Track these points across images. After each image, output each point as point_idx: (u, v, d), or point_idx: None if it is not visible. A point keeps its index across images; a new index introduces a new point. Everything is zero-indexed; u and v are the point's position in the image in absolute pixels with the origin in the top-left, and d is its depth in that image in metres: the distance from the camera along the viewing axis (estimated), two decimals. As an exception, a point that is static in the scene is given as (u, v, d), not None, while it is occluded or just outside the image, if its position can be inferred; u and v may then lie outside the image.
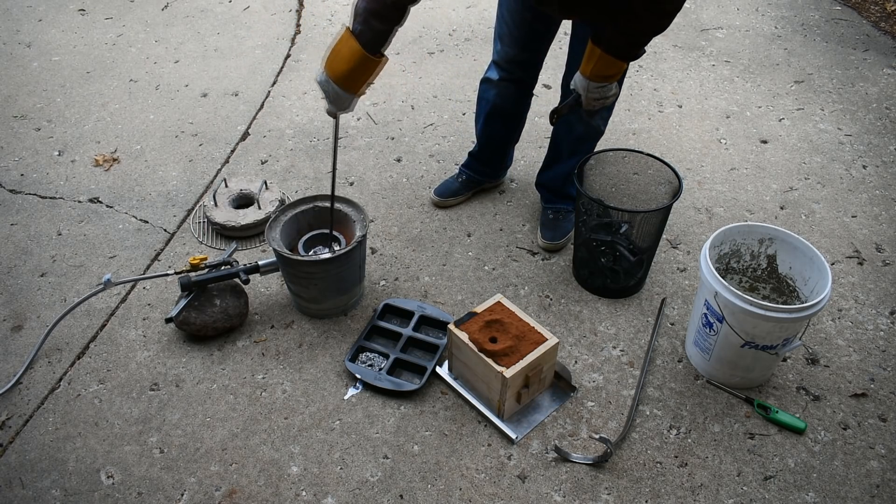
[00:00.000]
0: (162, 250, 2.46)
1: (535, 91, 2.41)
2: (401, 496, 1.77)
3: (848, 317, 2.22)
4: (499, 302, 1.97)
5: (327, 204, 2.22)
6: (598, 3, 1.68)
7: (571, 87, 1.97)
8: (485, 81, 2.37)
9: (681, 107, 3.18)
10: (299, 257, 2.06)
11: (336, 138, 1.95)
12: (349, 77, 1.78)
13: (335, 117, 1.91)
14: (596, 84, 1.87)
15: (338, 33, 1.78)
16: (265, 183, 2.60)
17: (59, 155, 2.90)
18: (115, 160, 2.87)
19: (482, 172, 2.60)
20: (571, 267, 2.38)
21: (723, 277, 2.06)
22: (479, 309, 1.95)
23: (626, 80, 3.29)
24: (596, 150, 2.29)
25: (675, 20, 4.09)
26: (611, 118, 3.12)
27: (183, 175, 2.79)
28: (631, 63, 1.91)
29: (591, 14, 1.73)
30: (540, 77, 2.36)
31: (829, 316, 2.22)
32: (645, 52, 1.86)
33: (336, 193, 2.26)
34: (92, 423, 1.93)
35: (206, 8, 3.95)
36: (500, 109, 2.38)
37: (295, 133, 3.01)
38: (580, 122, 2.22)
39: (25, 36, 3.69)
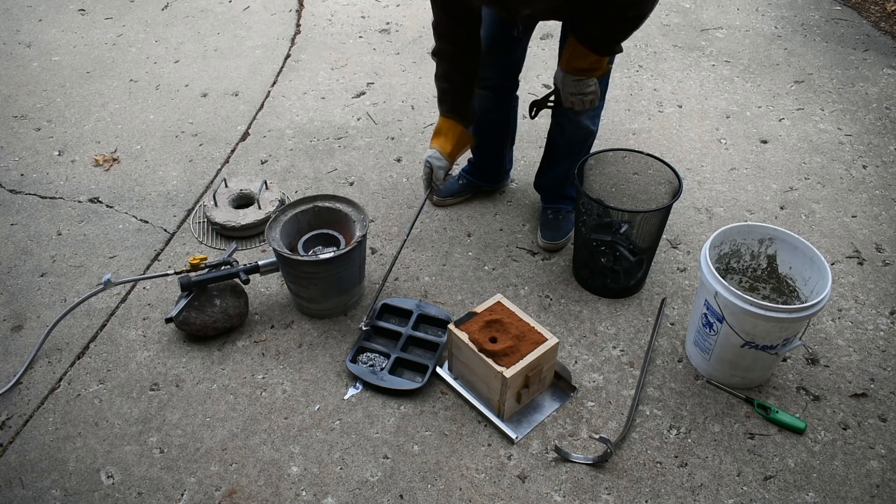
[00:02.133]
0: (162, 250, 2.46)
1: (535, 93, 2.40)
2: (401, 496, 1.77)
3: (848, 317, 2.22)
4: (499, 302, 1.97)
5: (327, 204, 2.22)
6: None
7: (553, 82, 2.00)
8: None
9: (681, 107, 3.18)
10: (299, 257, 2.06)
11: (417, 215, 2.22)
12: (442, 138, 2.13)
13: (430, 196, 2.23)
14: (572, 77, 1.89)
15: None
16: (265, 183, 2.60)
17: (59, 155, 2.90)
18: (115, 160, 2.87)
19: (483, 178, 2.61)
20: (571, 267, 2.38)
21: (723, 277, 2.06)
22: (479, 309, 1.95)
23: (626, 79, 3.32)
24: (596, 150, 2.29)
25: (675, 20, 4.09)
26: (611, 118, 3.12)
27: (183, 175, 2.79)
28: (631, 63, 1.91)
29: (544, 13, 1.77)
30: (539, 78, 2.36)
31: (829, 316, 2.22)
32: (622, 49, 1.87)
33: (338, 194, 2.27)
34: (92, 423, 1.93)
35: (206, 8, 3.95)
36: (483, 118, 2.37)
37: (295, 133, 3.01)
38: (570, 124, 2.21)
39: (25, 36, 3.69)
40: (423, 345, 2.12)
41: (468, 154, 2.63)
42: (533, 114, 2.13)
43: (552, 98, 2.09)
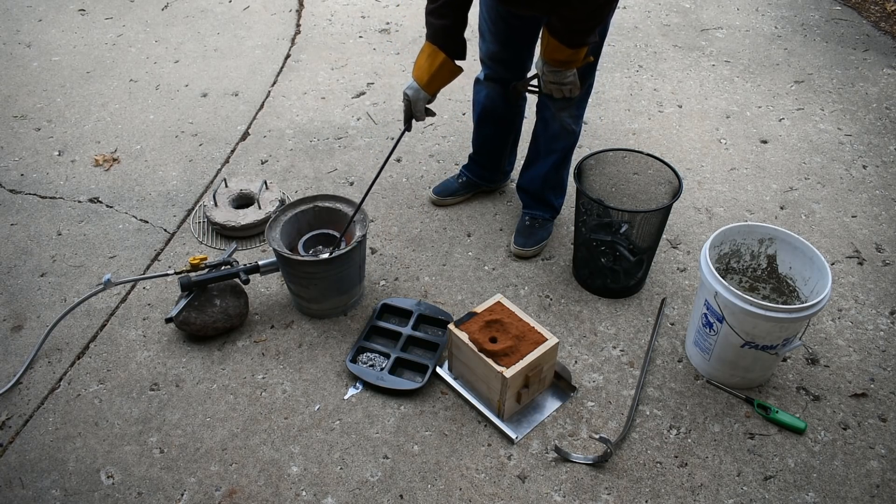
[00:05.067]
0: (162, 250, 2.46)
1: (533, 95, 2.40)
2: (401, 496, 1.77)
3: (848, 317, 2.22)
4: (499, 302, 1.97)
5: (327, 204, 2.22)
6: None
7: (534, 68, 2.01)
8: (476, 82, 2.38)
9: (681, 107, 3.18)
10: (299, 257, 2.06)
11: (394, 148, 2.18)
12: (419, 67, 2.01)
13: (408, 127, 2.13)
14: (550, 68, 1.90)
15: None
16: (265, 183, 2.60)
17: (59, 155, 2.90)
18: (115, 160, 2.87)
19: (481, 176, 2.61)
20: (571, 267, 2.38)
21: (723, 277, 2.06)
22: (479, 309, 1.95)
23: (626, 79, 3.32)
24: (596, 150, 2.29)
25: (675, 20, 4.07)
26: (611, 118, 3.12)
27: (183, 175, 2.79)
28: (631, 63, 1.92)
29: (530, 6, 1.77)
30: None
31: (829, 316, 2.22)
32: (592, 42, 1.87)
33: (338, 194, 2.27)
34: (92, 423, 1.93)
35: (206, 8, 3.95)
36: (491, 112, 2.38)
37: (295, 133, 3.01)
38: (553, 120, 2.21)
39: (25, 36, 3.69)
40: (423, 345, 2.12)
41: (467, 148, 2.63)
42: (511, 95, 2.17)
43: (533, 82, 2.10)
